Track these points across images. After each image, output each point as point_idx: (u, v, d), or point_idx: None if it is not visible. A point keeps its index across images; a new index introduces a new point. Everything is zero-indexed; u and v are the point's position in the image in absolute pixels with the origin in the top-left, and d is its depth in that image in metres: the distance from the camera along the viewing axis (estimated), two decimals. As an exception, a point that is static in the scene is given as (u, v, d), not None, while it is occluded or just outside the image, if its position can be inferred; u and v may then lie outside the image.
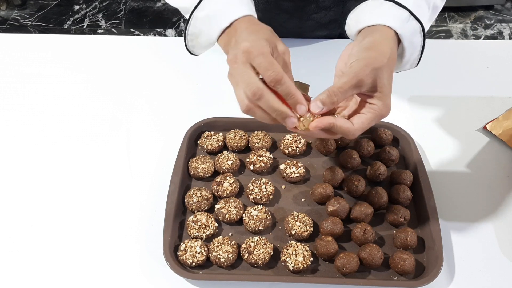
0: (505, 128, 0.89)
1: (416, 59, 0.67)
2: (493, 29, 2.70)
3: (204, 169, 0.80)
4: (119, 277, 0.70)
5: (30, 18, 2.80)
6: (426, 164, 0.81)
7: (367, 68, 0.57)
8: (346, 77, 0.57)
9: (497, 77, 1.02)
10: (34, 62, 1.05)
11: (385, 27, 0.61)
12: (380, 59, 0.58)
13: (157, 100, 0.97)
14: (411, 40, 0.63)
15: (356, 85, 0.57)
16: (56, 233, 0.75)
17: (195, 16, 0.67)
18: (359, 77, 0.57)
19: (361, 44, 0.60)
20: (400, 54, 0.64)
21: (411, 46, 0.64)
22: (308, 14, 1.00)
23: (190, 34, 0.70)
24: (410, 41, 0.63)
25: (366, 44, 0.60)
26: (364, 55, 0.58)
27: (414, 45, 0.64)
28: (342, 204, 0.74)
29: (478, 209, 0.78)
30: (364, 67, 0.57)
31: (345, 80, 0.57)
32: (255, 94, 0.56)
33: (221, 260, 0.68)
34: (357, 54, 0.59)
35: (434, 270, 0.67)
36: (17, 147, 0.88)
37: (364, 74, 0.57)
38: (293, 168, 0.80)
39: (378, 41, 0.59)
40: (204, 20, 0.66)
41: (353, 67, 0.58)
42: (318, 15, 1.00)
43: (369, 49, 0.59)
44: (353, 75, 0.57)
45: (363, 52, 0.59)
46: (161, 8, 2.87)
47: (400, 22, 0.61)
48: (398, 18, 0.62)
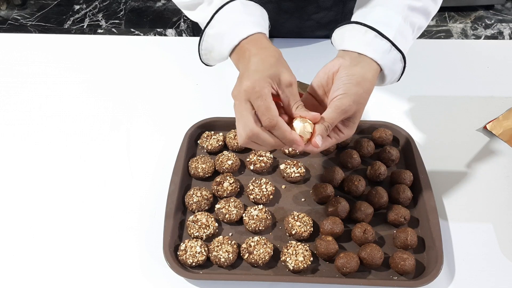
0: (505, 128, 0.89)
1: (396, 79, 0.72)
2: (493, 29, 2.70)
3: (204, 169, 0.80)
4: (119, 277, 0.70)
5: (30, 18, 2.80)
6: (426, 164, 0.81)
7: (354, 104, 0.64)
8: (336, 112, 0.64)
9: (497, 77, 1.02)
10: (34, 62, 1.06)
11: (369, 58, 0.66)
12: (365, 97, 0.65)
13: (157, 100, 0.97)
14: (391, 68, 0.68)
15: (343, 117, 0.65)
16: (56, 233, 0.75)
17: (207, 33, 0.70)
18: (347, 111, 0.64)
19: (351, 72, 0.65)
20: (381, 78, 0.70)
21: (391, 72, 0.69)
22: (308, 14, 1.00)
23: (203, 49, 0.72)
24: (391, 69, 0.68)
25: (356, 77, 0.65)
26: (353, 91, 0.64)
27: (394, 71, 0.69)
28: (342, 204, 0.74)
29: (478, 209, 0.78)
30: (352, 103, 0.64)
31: (336, 115, 0.64)
32: (250, 136, 0.63)
33: (221, 260, 0.68)
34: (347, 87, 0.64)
35: (434, 270, 0.67)
36: (17, 147, 0.88)
37: (350, 108, 0.64)
38: (293, 168, 0.80)
39: (365, 77, 0.65)
40: (215, 37, 0.69)
41: (342, 101, 0.64)
42: (319, 15, 1.00)
43: (358, 85, 0.64)
44: (342, 111, 0.64)
45: (352, 87, 0.64)
46: (161, 8, 2.87)
47: (381, 53, 0.66)
48: (380, 50, 0.66)
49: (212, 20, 0.69)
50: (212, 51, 0.71)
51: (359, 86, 0.64)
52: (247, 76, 0.63)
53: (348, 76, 0.65)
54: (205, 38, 0.70)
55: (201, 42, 0.71)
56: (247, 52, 0.66)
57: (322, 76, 0.68)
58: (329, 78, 0.68)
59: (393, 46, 0.67)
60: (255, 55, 0.65)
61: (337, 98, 0.64)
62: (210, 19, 0.69)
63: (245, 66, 0.65)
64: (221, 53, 0.70)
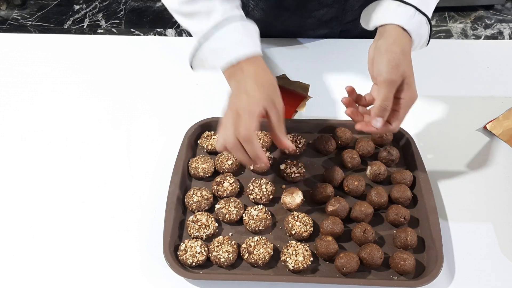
0: (505, 128, 0.89)
1: (425, 43, 0.75)
2: (493, 29, 2.70)
3: (204, 169, 0.80)
4: (119, 277, 0.70)
5: (30, 18, 2.80)
6: (426, 164, 0.81)
7: (394, 70, 0.67)
8: (383, 86, 0.68)
9: (497, 77, 1.02)
10: (34, 62, 1.05)
11: (394, 25, 0.70)
12: (399, 57, 0.68)
13: (157, 100, 0.97)
14: (418, 32, 0.71)
15: (394, 87, 0.68)
16: (56, 232, 0.75)
17: (205, 46, 0.73)
18: (391, 80, 0.67)
19: (377, 46, 0.70)
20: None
21: (418, 36, 0.72)
22: (309, 11, 1.00)
23: (197, 59, 0.76)
24: (417, 33, 0.71)
25: (382, 46, 0.69)
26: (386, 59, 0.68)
27: (421, 34, 0.72)
28: (342, 204, 0.74)
29: (478, 209, 0.78)
30: (391, 70, 0.67)
31: (385, 89, 0.68)
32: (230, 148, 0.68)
33: (221, 260, 0.68)
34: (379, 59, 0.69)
35: (434, 270, 0.67)
36: (17, 147, 0.88)
37: (394, 77, 0.67)
38: (293, 168, 0.80)
39: (391, 42, 0.69)
40: (212, 52, 0.73)
41: (382, 74, 0.68)
42: (320, 12, 1.00)
43: (387, 52, 0.68)
44: (388, 82, 0.67)
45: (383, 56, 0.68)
46: (161, 8, 2.87)
47: (406, 19, 0.70)
48: (404, 16, 0.70)
49: (210, 35, 0.72)
50: (205, 62, 0.75)
51: (388, 53, 0.68)
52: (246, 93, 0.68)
53: (376, 52, 0.69)
54: (202, 50, 0.74)
55: (196, 52, 0.74)
56: (245, 70, 0.70)
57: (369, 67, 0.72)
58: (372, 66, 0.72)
59: (417, 10, 0.70)
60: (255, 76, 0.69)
61: (377, 75, 0.68)
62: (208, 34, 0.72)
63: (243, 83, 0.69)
64: (214, 66, 0.73)
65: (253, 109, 0.67)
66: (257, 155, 0.67)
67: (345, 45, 1.07)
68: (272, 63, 1.04)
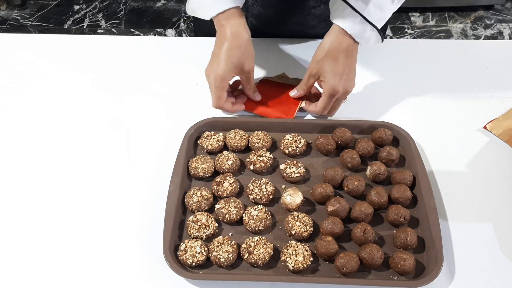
0: (505, 128, 0.89)
1: (377, 42, 0.86)
2: (493, 29, 2.70)
3: (204, 169, 0.80)
4: (119, 277, 0.70)
5: (30, 18, 2.80)
6: (426, 164, 0.81)
7: (314, 64, 0.86)
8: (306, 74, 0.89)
9: (497, 77, 1.02)
10: (34, 62, 1.05)
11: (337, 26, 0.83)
12: (319, 53, 0.85)
13: (157, 100, 0.97)
14: (362, 36, 0.83)
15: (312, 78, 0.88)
16: (56, 232, 0.75)
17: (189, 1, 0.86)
18: (309, 70, 0.87)
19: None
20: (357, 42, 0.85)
21: (363, 39, 0.83)
22: (308, 8, 1.00)
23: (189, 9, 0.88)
24: (361, 37, 0.83)
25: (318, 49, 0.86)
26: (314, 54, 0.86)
27: (366, 38, 0.83)
28: (342, 204, 0.74)
29: (478, 209, 0.78)
30: (312, 64, 0.86)
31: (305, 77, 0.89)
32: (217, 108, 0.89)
33: (221, 260, 0.68)
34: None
35: (434, 270, 0.67)
36: (17, 147, 0.88)
37: (312, 70, 0.86)
38: (293, 168, 0.80)
39: (325, 40, 0.85)
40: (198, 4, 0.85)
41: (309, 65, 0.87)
42: (318, 9, 1.01)
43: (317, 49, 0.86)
44: (308, 73, 0.88)
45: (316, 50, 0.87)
46: (161, 8, 2.88)
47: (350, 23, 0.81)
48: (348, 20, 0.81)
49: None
50: (196, 12, 0.86)
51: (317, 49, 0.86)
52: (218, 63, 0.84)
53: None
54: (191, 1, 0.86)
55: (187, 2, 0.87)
56: (221, 29, 0.83)
57: None
58: None
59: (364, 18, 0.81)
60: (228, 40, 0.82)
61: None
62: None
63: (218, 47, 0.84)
64: (203, 16, 0.85)
65: (221, 83, 0.85)
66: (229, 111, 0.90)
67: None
68: (272, 63, 1.04)
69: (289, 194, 0.75)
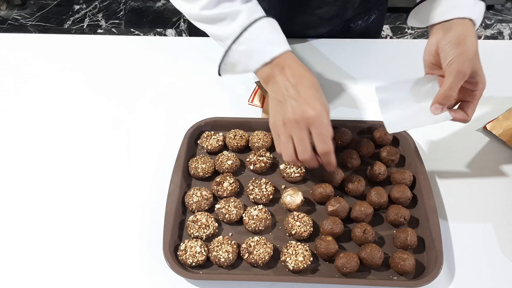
0: (505, 128, 0.89)
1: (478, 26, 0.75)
2: (493, 29, 2.70)
3: (204, 169, 0.80)
4: (119, 277, 0.70)
5: (30, 18, 2.80)
6: (426, 164, 0.81)
7: (466, 62, 0.68)
8: (451, 76, 0.68)
9: (497, 77, 1.01)
10: (34, 62, 1.05)
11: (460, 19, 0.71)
12: (471, 50, 0.69)
13: (157, 100, 0.97)
14: (480, 18, 0.74)
15: (462, 78, 0.69)
16: (56, 232, 0.75)
17: (233, 49, 0.73)
18: (462, 71, 0.68)
19: (447, 39, 0.71)
20: None
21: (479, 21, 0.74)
22: (312, 9, 1.00)
23: (227, 63, 0.75)
24: (480, 20, 0.74)
25: (454, 39, 0.70)
26: (458, 51, 0.69)
27: (481, 19, 0.74)
28: (342, 204, 0.74)
29: (478, 209, 0.78)
30: (463, 62, 0.68)
31: (452, 79, 0.68)
32: (306, 160, 0.72)
33: (221, 260, 0.68)
34: (451, 51, 0.69)
35: (434, 270, 0.67)
36: (17, 147, 0.88)
37: (465, 68, 0.68)
38: (293, 168, 0.80)
39: (463, 34, 0.70)
40: (244, 54, 0.73)
41: (453, 64, 0.68)
42: (322, 10, 1.01)
43: (459, 45, 0.69)
44: (457, 73, 0.68)
45: (456, 48, 0.69)
46: (161, 8, 2.88)
47: (469, 9, 0.71)
48: (466, 7, 0.72)
49: (240, 37, 0.71)
50: (236, 66, 0.75)
51: (461, 45, 0.69)
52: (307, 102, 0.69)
53: (447, 44, 0.70)
54: (231, 54, 0.73)
55: (225, 57, 0.74)
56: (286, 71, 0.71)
57: (428, 59, 0.75)
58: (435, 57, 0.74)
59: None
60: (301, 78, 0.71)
61: (448, 65, 0.69)
62: (237, 36, 0.71)
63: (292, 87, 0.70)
64: (246, 68, 0.74)
65: (324, 120, 0.69)
66: (331, 162, 0.72)
67: (346, 45, 1.07)
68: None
69: (289, 194, 0.75)
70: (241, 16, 0.72)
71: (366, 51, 0.99)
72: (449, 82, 0.69)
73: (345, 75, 1.01)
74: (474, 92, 0.72)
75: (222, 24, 0.73)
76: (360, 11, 1.06)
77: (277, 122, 0.72)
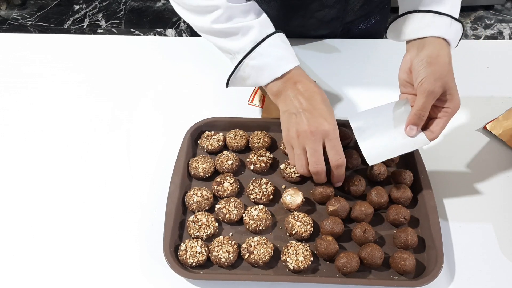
0: (505, 128, 0.89)
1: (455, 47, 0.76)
2: (493, 29, 2.70)
3: (205, 169, 0.80)
4: (120, 278, 0.70)
5: (30, 18, 2.80)
6: (426, 164, 0.81)
7: (437, 82, 0.68)
8: (422, 96, 0.69)
9: (497, 77, 1.02)
10: (34, 62, 1.05)
11: (434, 37, 0.71)
12: (444, 70, 0.69)
13: (157, 100, 0.97)
14: (455, 39, 0.73)
15: (433, 98, 0.69)
16: (57, 233, 0.75)
17: (245, 63, 0.74)
18: (433, 92, 0.68)
19: (419, 58, 0.71)
20: None
21: (455, 42, 0.74)
22: (311, 12, 1.00)
23: (237, 77, 0.76)
24: (455, 41, 0.74)
25: (425, 58, 0.70)
26: (429, 71, 0.68)
27: (456, 40, 0.74)
28: (342, 204, 0.74)
29: (478, 209, 0.78)
30: (434, 82, 0.68)
31: (423, 99, 0.69)
32: (318, 172, 0.73)
33: (221, 260, 0.68)
34: (422, 71, 0.69)
35: (434, 270, 0.67)
36: (17, 147, 0.88)
37: (435, 88, 0.68)
38: (293, 168, 0.80)
39: (436, 54, 0.70)
40: (255, 68, 0.74)
41: (423, 85, 0.69)
42: (321, 13, 1.00)
43: (432, 64, 0.69)
44: (428, 93, 0.68)
45: (427, 68, 0.69)
46: (161, 8, 2.87)
47: (445, 29, 0.71)
48: (442, 26, 0.71)
49: (252, 52, 0.72)
50: (246, 80, 0.76)
51: (432, 65, 0.69)
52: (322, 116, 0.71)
53: (419, 63, 0.70)
54: (242, 68, 0.74)
55: (237, 71, 0.75)
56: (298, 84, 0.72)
57: (402, 77, 0.75)
58: (409, 75, 0.73)
59: (453, 18, 0.72)
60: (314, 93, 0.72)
61: (419, 85, 0.69)
62: (250, 51, 0.72)
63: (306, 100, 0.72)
64: (257, 82, 0.75)
65: (337, 134, 0.71)
66: (342, 175, 0.74)
67: (346, 45, 1.07)
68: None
69: (290, 194, 0.75)
70: (253, 31, 0.73)
71: (367, 51, 0.99)
72: (421, 102, 0.69)
73: (346, 75, 1.01)
74: (443, 109, 0.72)
75: (234, 39, 0.74)
76: (361, 14, 1.06)
77: (291, 135, 0.73)
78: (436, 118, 0.73)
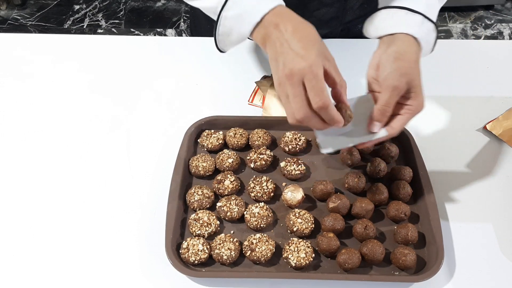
0: (505, 128, 0.89)
1: (430, 50, 0.75)
2: (493, 29, 2.70)
3: (205, 168, 0.80)
4: (120, 278, 0.70)
5: (30, 18, 2.80)
6: (426, 164, 0.81)
7: (402, 78, 0.66)
8: (387, 92, 0.66)
9: (497, 77, 1.02)
10: (34, 62, 1.05)
11: (404, 34, 0.69)
12: (410, 66, 0.67)
13: (157, 99, 0.97)
14: (426, 39, 0.71)
15: (397, 95, 0.67)
16: (57, 232, 0.75)
17: (223, 16, 0.68)
18: (397, 87, 0.66)
19: (387, 53, 0.68)
20: None
21: (427, 43, 0.71)
22: (310, 11, 1.00)
23: (220, 34, 0.71)
24: (426, 40, 0.71)
25: (393, 54, 0.68)
26: (395, 66, 0.66)
27: (429, 41, 0.72)
28: (343, 201, 0.74)
29: (478, 209, 0.79)
30: (399, 77, 0.66)
31: (387, 95, 0.66)
32: (303, 120, 0.63)
33: (223, 257, 0.69)
34: (388, 66, 0.67)
35: (435, 265, 0.67)
36: (17, 147, 0.88)
37: (400, 84, 0.66)
38: (294, 165, 0.80)
39: (404, 50, 0.68)
40: (234, 19, 0.68)
41: (388, 80, 0.66)
42: (320, 12, 1.00)
43: (398, 60, 0.67)
44: (392, 88, 0.66)
45: (393, 63, 0.67)
46: (161, 8, 2.88)
47: (415, 26, 0.69)
48: (413, 24, 0.70)
49: (227, 2, 0.67)
50: (230, 34, 0.70)
51: (398, 60, 0.67)
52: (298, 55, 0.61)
53: (385, 58, 0.68)
54: (222, 22, 0.69)
55: (218, 27, 0.70)
56: (281, 26, 0.64)
57: (371, 74, 0.71)
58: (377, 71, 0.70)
59: (425, 17, 0.70)
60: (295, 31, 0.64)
61: (384, 80, 0.67)
62: (225, 2, 0.68)
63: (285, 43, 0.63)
64: (241, 34, 0.69)
65: (317, 71, 0.60)
66: (333, 118, 0.63)
67: (346, 45, 1.07)
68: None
69: (290, 190, 0.76)
70: None
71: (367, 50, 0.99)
72: (385, 98, 0.66)
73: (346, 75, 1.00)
74: (406, 107, 0.69)
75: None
76: (360, 13, 1.06)
77: (275, 85, 0.65)
78: (398, 115, 0.69)
